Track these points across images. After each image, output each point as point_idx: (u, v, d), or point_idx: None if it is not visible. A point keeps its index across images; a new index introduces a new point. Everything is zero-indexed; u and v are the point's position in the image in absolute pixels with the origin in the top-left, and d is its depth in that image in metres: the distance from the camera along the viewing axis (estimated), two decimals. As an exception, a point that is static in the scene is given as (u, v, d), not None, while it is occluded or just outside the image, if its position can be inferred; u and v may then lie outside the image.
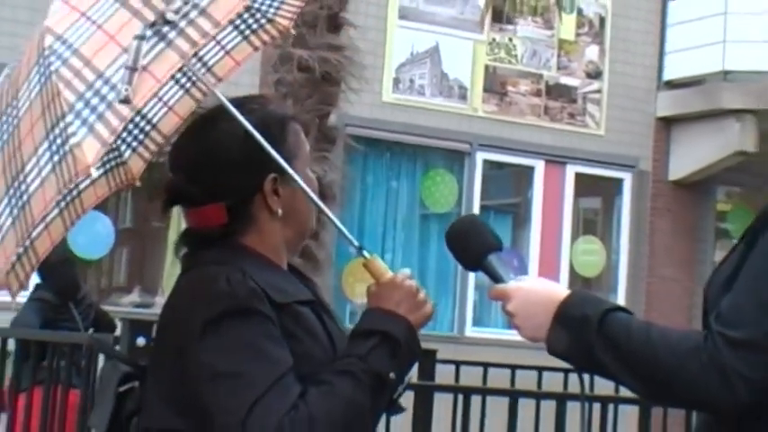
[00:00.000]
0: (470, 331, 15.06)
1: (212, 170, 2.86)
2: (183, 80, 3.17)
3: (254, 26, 3.28)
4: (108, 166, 3.22)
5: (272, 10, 3.28)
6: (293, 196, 2.82)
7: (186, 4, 2.71)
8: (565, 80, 15.95)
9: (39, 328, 7.35)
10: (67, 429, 5.60)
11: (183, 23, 2.71)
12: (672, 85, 16.35)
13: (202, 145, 2.92)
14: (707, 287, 2.40)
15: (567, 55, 15.98)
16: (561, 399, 6.16)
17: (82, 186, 3.23)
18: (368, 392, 2.54)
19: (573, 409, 5.99)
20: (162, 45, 2.72)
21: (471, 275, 14.92)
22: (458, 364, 8.65)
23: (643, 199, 16.30)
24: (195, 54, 3.12)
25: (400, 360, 2.59)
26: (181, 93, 3.09)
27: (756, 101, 14.74)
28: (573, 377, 7.40)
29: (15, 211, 2.96)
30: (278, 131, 2.85)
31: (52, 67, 2.84)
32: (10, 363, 6.34)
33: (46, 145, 2.82)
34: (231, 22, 3.01)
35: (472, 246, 2.62)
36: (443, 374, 8.13)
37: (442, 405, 6.28)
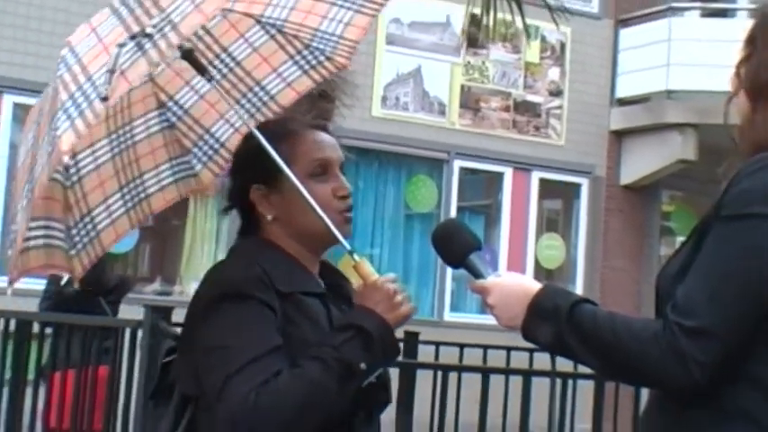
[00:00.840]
0: (448, 316, 15.04)
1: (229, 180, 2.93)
2: (248, 106, 3.23)
3: (314, 62, 3.31)
4: (178, 175, 3.25)
5: (329, 49, 3.29)
6: (285, 202, 2.78)
7: (163, 20, 2.69)
8: (530, 98, 15.92)
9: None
10: (97, 400, 5.58)
11: (157, 36, 2.69)
12: (623, 102, 16.33)
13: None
14: (658, 279, 2.40)
15: (532, 76, 15.97)
16: (527, 375, 6.16)
17: (150, 191, 3.24)
18: (335, 378, 2.51)
19: (537, 383, 5.98)
20: (138, 54, 2.72)
21: (449, 271, 14.94)
22: (437, 344, 8.63)
23: (598, 201, 16.30)
24: (259, 84, 3.25)
25: (373, 353, 2.56)
26: (246, 116, 3.17)
27: (696, 116, 14.74)
28: (537, 356, 7.42)
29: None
30: (278, 144, 2.80)
31: (58, 73, 2.92)
32: (47, 344, 6.32)
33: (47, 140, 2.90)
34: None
35: (455, 246, 2.60)
36: (425, 354, 8.12)
37: (424, 380, 6.27)
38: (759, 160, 2.27)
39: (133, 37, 2.75)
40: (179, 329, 4.03)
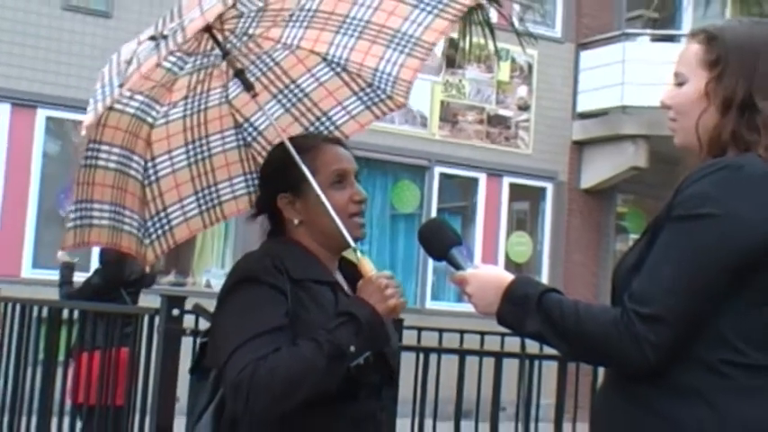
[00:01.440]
0: (429, 304, 15.03)
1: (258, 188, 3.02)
2: (316, 133, 3.27)
3: (376, 99, 3.34)
4: (251, 188, 3.29)
5: (389, 88, 3.31)
6: (309, 209, 2.81)
7: (177, 25, 2.73)
8: (502, 112, 15.91)
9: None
10: (119, 378, 5.57)
11: (170, 37, 2.73)
12: (583, 116, 16.33)
13: None
14: (614, 272, 2.40)
15: (503, 93, 15.96)
16: (499, 356, 6.15)
17: (223, 198, 3.27)
18: (325, 357, 2.53)
19: (507, 363, 6.00)
20: (154, 51, 2.75)
21: (430, 261, 14.93)
22: (419, 329, 8.63)
23: (561, 203, 16.30)
24: (326, 115, 3.32)
25: (361, 338, 2.57)
26: None
27: (647, 128, 14.76)
28: (508, 340, 7.45)
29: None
30: (302, 156, 2.82)
31: (103, 69, 3.04)
32: (75, 329, 6.31)
33: None
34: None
35: (439, 242, 2.61)
36: (408, 338, 8.08)
37: (408, 362, 6.27)
38: (708, 166, 2.27)
39: (153, 38, 2.79)
40: (191, 316, 4.07)
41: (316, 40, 3.20)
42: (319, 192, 2.75)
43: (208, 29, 2.92)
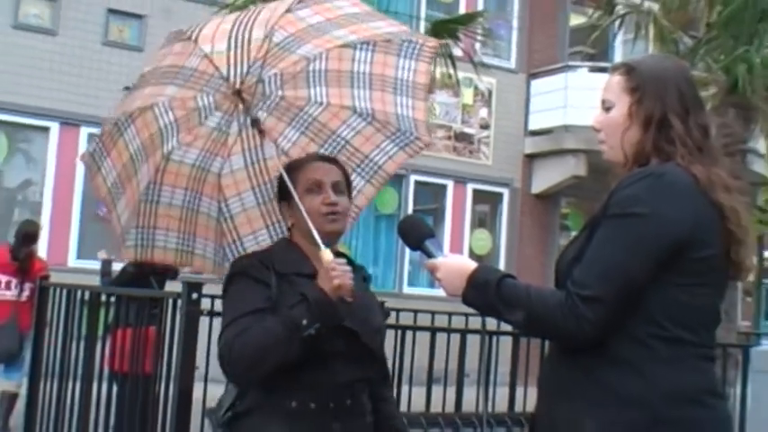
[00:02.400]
0: (406, 290, 15.04)
1: None
2: (363, 173, 3.33)
3: (407, 141, 3.31)
4: None
5: (414, 129, 3.30)
6: (294, 213, 2.85)
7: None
8: (466, 130, 15.94)
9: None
10: (147, 351, 5.54)
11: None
12: (533, 133, 16.38)
13: None
14: (558, 262, 2.40)
15: (467, 114, 15.98)
16: (463, 333, 6.15)
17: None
18: (283, 329, 2.58)
19: (470, 339, 5.99)
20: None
21: (407, 254, 14.99)
22: (398, 311, 8.59)
23: (515, 206, 16.35)
24: (368, 157, 3.33)
25: (311, 313, 2.58)
26: (363, 182, 3.32)
27: (586, 144, 14.80)
28: (471, 319, 7.44)
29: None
30: (290, 173, 2.89)
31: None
32: (111, 310, 6.28)
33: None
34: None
35: (415, 235, 2.62)
36: (388, 318, 8.10)
37: (388, 338, 6.26)
38: (637, 173, 2.28)
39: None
40: (207, 299, 4.07)
41: (340, 96, 3.20)
42: (296, 198, 2.81)
43: (238, 93, 2.95)
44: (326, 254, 2.70)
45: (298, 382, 2.64)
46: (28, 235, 8.87)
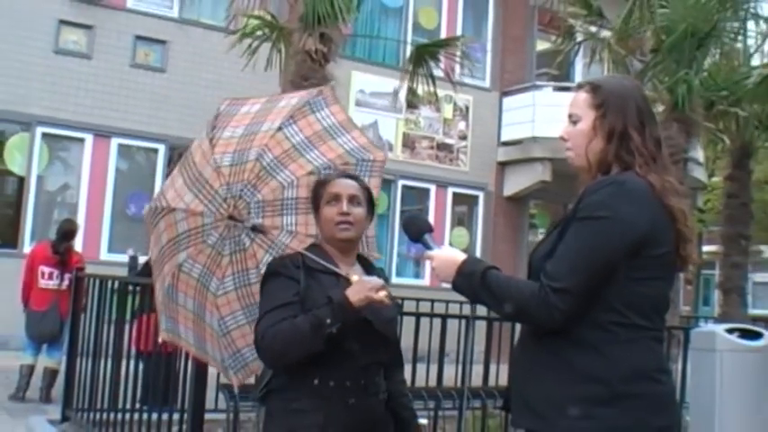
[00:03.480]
0: (393, 279, 14.99)
1: None
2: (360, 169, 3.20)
3: (369, 167, 3.23)
4: None
5: (366, 154, 3.22)
6: (319, 223, 2.90)
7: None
8: (447, 140, 15.93)
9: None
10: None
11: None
12: (505, 144, 16.35)
13: None
14: (530, 256, 2.39)
15: (448, 127, 15.97)
16: (444, 317, 6.13)
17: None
18: (309, 326, 2.58)
19: (450, 322, 5.96)
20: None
21: (396, 248, 14.95)
22: (387, 297, 8.60)
23: (489, 207, 16.34)
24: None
25: (334, 314, 2.59)
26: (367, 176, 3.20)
27: (551, 153, 14.82)
28: (451, 306, 7.41)
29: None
30: (318, 188, 2.92)
31: None
32: (137, 298, 6.25)
33: None
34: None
35: (416, 228, 2.60)
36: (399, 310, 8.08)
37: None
38: (601, 181, 2.28)
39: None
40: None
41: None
42: (320, 209, 2.85)
43: (231, 217, 2.93)
44: (357, 277, 2.72)
45: (321, 364, 2.65)
46: (67, 232, 8.89)
